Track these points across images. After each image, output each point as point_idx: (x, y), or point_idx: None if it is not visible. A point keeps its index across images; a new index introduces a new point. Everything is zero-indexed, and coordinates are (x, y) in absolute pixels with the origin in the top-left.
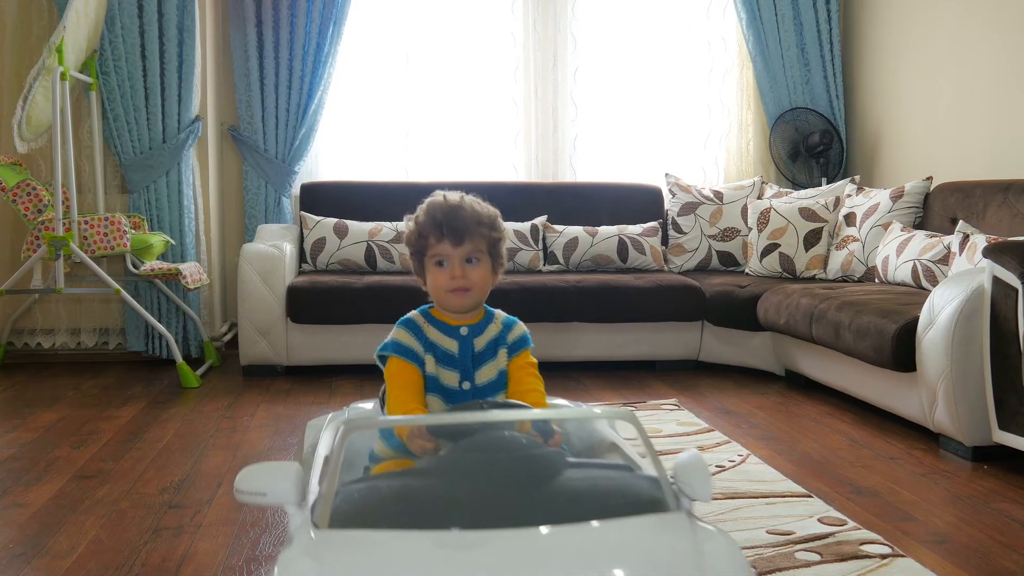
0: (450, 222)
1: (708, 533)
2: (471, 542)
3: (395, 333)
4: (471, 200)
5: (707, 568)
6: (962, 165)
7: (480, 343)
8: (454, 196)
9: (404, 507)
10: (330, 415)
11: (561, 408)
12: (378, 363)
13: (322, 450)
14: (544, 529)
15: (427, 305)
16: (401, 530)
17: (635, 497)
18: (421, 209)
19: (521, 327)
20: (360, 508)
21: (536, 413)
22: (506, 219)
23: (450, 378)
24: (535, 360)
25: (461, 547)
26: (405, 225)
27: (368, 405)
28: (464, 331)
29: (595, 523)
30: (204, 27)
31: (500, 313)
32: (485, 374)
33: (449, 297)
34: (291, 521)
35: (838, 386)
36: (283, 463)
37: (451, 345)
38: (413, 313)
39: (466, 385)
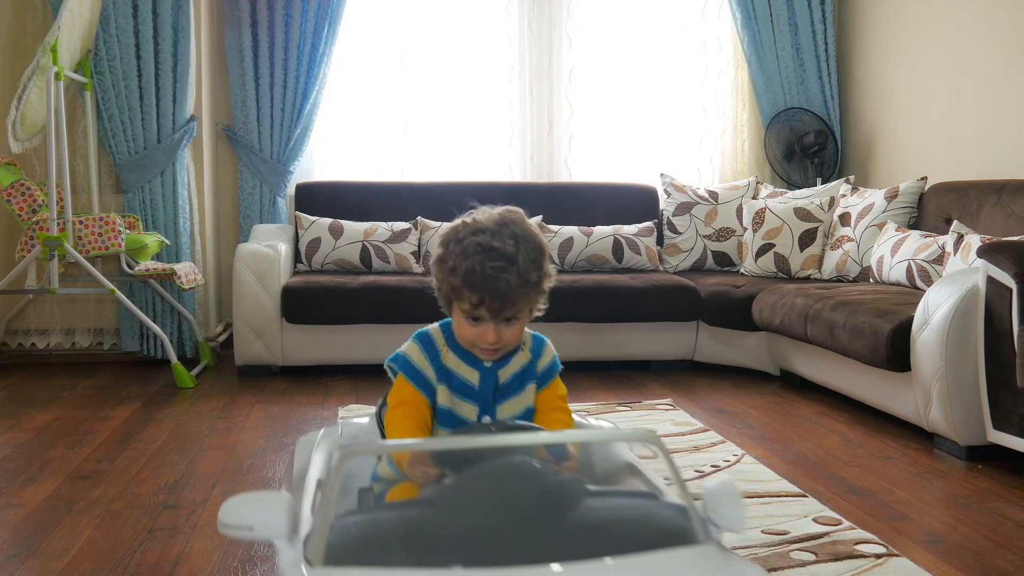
0: (492, 290)
1: (739, 567)
2: None
3: (409, 348)
4: (522, 246)
5: None
6: (956, 165)
7: (505, 374)
8: (500, 243)
9: (407, 543)
10: (322, 431)
11: (576, 430)
12: (387, 372)
13: (315, 473)
14: (561, 566)
15: (449, 320)
16: (403, 568)
17: (662, 529)
18: (456, 248)
19: (550, 350)
20: (358, 544)
21: (548, 436)
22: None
23: (468, 411)
24: (564, 390)
25: None
26: (435, 248)
27: (363, 420)
28: (488, 361)
29: (618, 559)
30: (199, 27)
31: (527, 334)
32: (508, 409)
33: (475, 350)
34: (281, 557)
35: (833, 386)
36: (272, 493)
37: (471, 375)
38: (433, 328)
39: (485, 420)
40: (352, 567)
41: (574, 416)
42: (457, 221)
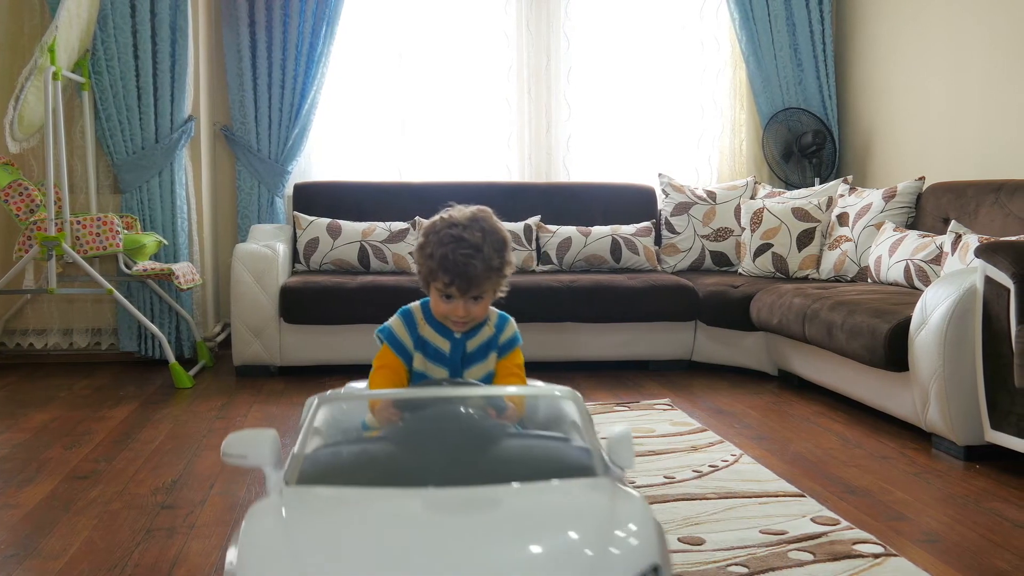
0: (462, 272)
1: (625, 496)
2: (416, 495)
3: (393, 321)
4: (488, 238)
5: (616, 521)
6: (954, 165)
7: (472, 345)
8: (470, 235)
9: (362, 468)
10: (328, 392)
11: (509, 385)
12: (376, 341)
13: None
14: (481, 488)
15: (427, 298)
16: (358, 487)
17: (566, 464)
18: (434, 237)
19: (512, 326)
20: (324, 468)
21: (484, 389)
22: (499, 219)
23: (438, 374)
24: (522, 360)
25: (408, 500)
26: (416, 238)
27: (363, 384)
28: (458, 333)
29: (526, 483)
30: (197, 27)
31: (493, 312)
32: (473, 374)
33: (447, 323)
34: (268, 481)
35: (831, 386)
36: (263, 430)
37: (443, 344)
38: (414, 305)
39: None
40: (319, 486)
41: (537, 383)
42: (436, 216)
